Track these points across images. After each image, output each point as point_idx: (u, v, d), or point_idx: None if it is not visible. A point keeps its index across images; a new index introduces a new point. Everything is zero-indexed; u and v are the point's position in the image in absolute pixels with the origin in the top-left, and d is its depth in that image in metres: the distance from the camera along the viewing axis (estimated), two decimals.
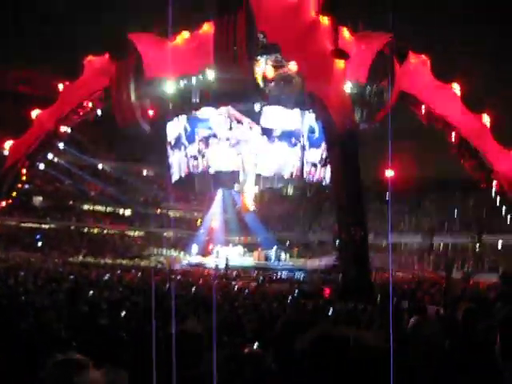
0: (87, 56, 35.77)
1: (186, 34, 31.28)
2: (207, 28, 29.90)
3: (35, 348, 3.41)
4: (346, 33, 28.65)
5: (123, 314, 9.59)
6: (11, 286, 14.94)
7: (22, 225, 53.20)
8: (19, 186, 40.95)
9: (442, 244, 48.22)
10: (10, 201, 41.56)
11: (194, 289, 17.78)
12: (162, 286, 18.18)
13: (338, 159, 24.88)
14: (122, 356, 5.47)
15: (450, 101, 32.32)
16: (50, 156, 41.75)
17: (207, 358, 3.18)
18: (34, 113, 39.25)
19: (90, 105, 36.29)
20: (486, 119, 33.22)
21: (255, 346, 3.28)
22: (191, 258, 45.14)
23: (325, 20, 25.93)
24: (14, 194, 41.09)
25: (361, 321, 9.70)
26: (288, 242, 53.50)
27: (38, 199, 57.20)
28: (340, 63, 25.44)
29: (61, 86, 39.69)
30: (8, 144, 40.50)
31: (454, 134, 32.80)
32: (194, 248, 46.91)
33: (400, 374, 2.29)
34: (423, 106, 32.21)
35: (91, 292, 14.04)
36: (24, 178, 40.41)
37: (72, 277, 20.78)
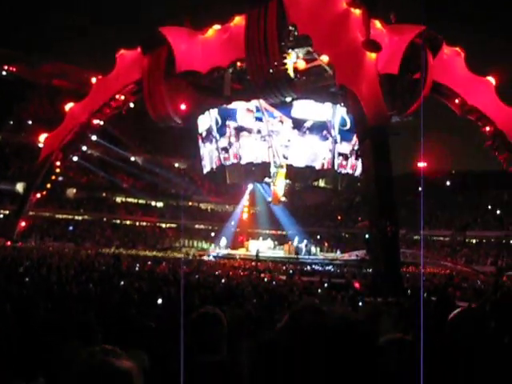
0: (119, 50, 36.07)
1: (217, 27, 31.35)
2: (238, 21, 29.87)
3: (61, 336, 3.44)
4: (378, 24, 28.31)
5: (152, 304, 9.69)
6: (44, 275, 15.14)
7: (56, 216, 53.99)
8: (53, 177, 41.59)
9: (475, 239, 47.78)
10: (44, 192, 42.28)
11: (223, 280, 17.83)
12: (190, 278, 18.31)
13: (369, 152, 24.61)
14: (147, 342, 5.53)
15: (484, 93, 31.72)
16: (83, 148, 42.24)
17: (231, 347, 3.19)
18: (68, 106, 39.85)
19: (123, 98, 36.53)
20: None
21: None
22: (221, 250, 45.37)
23: (356, 11, 25.66)
24: (48, 185, 41.79)
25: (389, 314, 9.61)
26: (319, 236, 53.43)
27: (71, 191, 57.93)
28: (372, 55, 25.15)
29: (94, 80, 40.21)
30: (42, 137, 41.24)
31: (488, 125, 32.18)
32: (223, 240, 47.11)
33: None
34: (457, 97, 31.62)
35: (122, 282, 14.17)
36: (58, 170, 41.04)
37: (104, 267, 21.01)
